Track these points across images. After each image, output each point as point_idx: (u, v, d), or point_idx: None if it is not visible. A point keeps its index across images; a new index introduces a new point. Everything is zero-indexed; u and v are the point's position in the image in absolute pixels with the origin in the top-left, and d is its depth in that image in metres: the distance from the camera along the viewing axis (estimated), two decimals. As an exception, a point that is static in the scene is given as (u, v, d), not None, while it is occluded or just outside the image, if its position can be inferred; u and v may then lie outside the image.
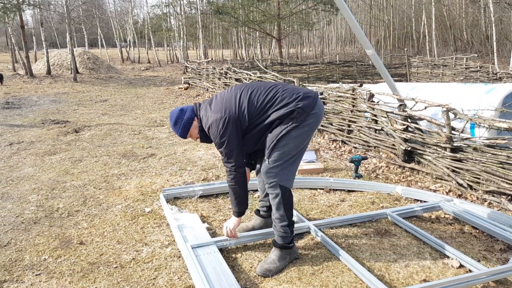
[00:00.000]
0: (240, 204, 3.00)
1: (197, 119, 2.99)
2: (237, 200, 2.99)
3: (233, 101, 2.87)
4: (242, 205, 3.01)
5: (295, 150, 2.88)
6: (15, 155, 6.16)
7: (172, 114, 3.02)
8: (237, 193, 2.96)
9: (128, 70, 26.85)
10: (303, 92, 2.89)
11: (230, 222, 3.09)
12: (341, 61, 20.78)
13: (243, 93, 2.90)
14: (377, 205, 4.00)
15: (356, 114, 6.15)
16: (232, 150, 2.85)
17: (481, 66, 15.22)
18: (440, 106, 4.54)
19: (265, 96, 2.88)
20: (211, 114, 2.87)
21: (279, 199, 2.89)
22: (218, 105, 2.89)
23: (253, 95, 2.88)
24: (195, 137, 3.04)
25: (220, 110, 2.85)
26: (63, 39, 43.16)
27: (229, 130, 2.81)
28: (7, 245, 3.36)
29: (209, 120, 2.87)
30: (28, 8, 22.49)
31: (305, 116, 2.82)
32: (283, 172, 2.88)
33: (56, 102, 12.16)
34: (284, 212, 2.91)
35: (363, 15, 40.96)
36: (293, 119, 2.80)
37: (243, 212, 3.04)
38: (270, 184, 2.90)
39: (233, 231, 3.08)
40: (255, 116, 2.85)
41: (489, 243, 3.27)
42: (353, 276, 2.80)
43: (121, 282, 2.81)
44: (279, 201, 2.89)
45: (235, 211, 3.03)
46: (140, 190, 4.52)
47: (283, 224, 2.93)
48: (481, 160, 4.07)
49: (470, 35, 30.06)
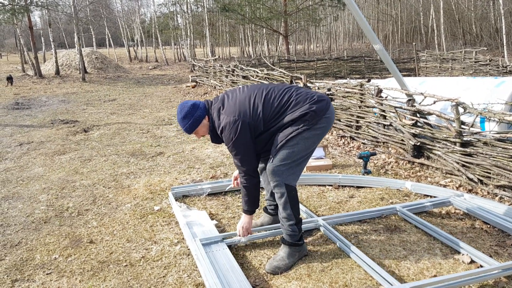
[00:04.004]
0: (251, 203, 2.99)
1: (208, 118, 2.94)
2: (250, 200, 2.98)
3: (247, 103, 2.82)
4: (254, 204, 3.00)
5: (304, 152, 2.85)
6: (25, 155, 6.22)
7: (182, 107, 2.94)
8: (250, 193, 2.96)
9: (136, 69, 26.97)
10: (317, 96, 2.86)
11: (243, 221, 3.07)
12: (349, 57, 20.67)
13: (257, 96, 2.85)
14: (387, 201, 3.98)
15: (364, 109, 6.12)
16: (245, 154, 2.84)
17: (490, 60, 15.06)
18: (449, 101, 4.49)
19: (280, 99, 2.83)
20: (225, 116, 2.82)
21: (285, 198, 2.85)
22: (231, 107, 2.83)
23: (267, 98, 2.84)
24: (200, 134, 3.02)
25: (233, 112, 2.79)
26: (71, 39, 43.39)
27: (242, 134, 2.77)
28: (18, 245, 3.39)
29: (222, 123, 2.82)
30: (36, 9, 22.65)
31: (317, 120, 2.79)
32: (289, 172, 2.85)
33: (65, 102, 12.24)
34: (291, 211, 2.88)
35: (370, 9, 40.71)
36: (305, 121, 2.77)
37: (254, 211, 3.04)
38: (275, 183, 2.87)
39: (249, 229, 3.09)
40: (270, 120, 2.82)
41: (500, 238, 3.23)
42: (363, 272, 2.79)
43: (131, 281, 2.82)
44: (285, 200, 2.86)
45: (247, 210, 3.02)
46: (149, 189, 4.54)
47: (290, 223, 2.91)
48: (491, 155, 4.02)
49: (479, 28, 29.73)
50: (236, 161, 2.90)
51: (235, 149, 2.82)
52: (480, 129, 4.32)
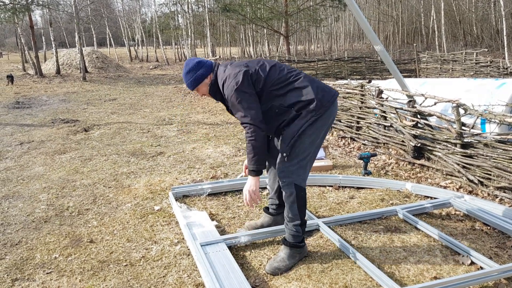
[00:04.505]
0: (260, 161, 2.77)
1: (211, 76, 2.94)
2: (257, 156, 2.76)
3: (255, 61, 2.90)
4: (262, 162, 2.80)
5: (312, 147, 2.81)
6: (25, 154, 6.22)
7: (188, 62, 2.96)
8: (257, 148, 2.74)
9: (136, 69, 26.98)
10: (323, 85, 2.87)
11: (250, 183, 2.81)
12: (350, 57, 20.66)
13: (268, 62, 2.90)
14: (387, 202, 3.98)
15: (365, 110, 6.12)
16: (249, 102, 2.73)
17: (491, 61, 15.07)
18: (450, 102, 4.49)
19: (288, 72, 2.84)
20: (230, 68, 2.84)
21: (293, 198, 2.83)
22: (240, 63, 2.88)
23: (277, 66, 2.87)
24: (201, 93, 3.01)
25: (240, 66, 2.82)
26: (72, 38, 43.40)
27: (246, 82, 2.73)
28: (19, 244, 3.39)
29: (226, 73, 2.82)
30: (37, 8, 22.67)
31: (324, 110, 2.75)
32: (299, 171, 2.82)
33: (65, 101, 12.24)
34: (298, 212, 2.86)
35: (371, 10, 40.72)
36: (311, 111, 2.72)
37: (260, 172, 2.81)
38: (285, 183, 2.84)
39: (256, 193, 2.82)
40: (273, 84, 2.78)
41: (500, 240, 3.23)
42: (363, 273, 2.79)
43: (131, 280, 2.82)
44: (293, 200, 2.84)
45: (253, 170, 2.78)
46: (149, 189, 4.54)
47: (295, 223, 2.89)
48: (492, 156, 4.02)
49: (480, 29, 29.73)
50: (241, 113, 2.73)
51: (239, 97, 2.71)
52: (481, 130, 4.32)
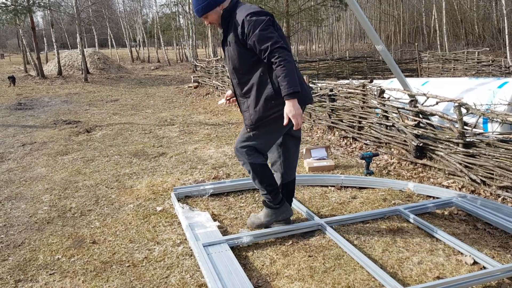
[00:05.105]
0: (295, 83, 2.70)
1: (223, 5, 2.94)
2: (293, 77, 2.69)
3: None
4: (297, 84, 2.72)
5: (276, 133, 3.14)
6: (28, 156, 6.23)
7: None
8: (292, 70, 2.70)
9: (138, 70, 27.01)
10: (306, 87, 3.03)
11: (295, 107, 2.70)
12: (351, 57, 20.67)
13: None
14: (389, 202, 3.97)
15: (366, 110, 6.11)
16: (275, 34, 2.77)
17: (493, 60, 15.04)
18: (452, 101, 4.49)
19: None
20: (256, 7, 2.89)
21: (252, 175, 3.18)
22: None
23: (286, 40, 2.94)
24: (209, 20, 3.01)
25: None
26: (74, 39, 43.48)
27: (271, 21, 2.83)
28: (21, 245, 3.40)
29: (253, 8, 2.85)
30: (38, 9, 22.70)
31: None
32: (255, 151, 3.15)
33: (67, 102, 12.27)
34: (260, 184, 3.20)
35: (372, 10, 40.68)
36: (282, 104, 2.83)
37: (298, 91, 2.73)
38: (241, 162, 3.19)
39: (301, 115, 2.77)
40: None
41: (503, 239, 3.23)
42: (366, 273, 2.78)
43: (133, 281, 2.82)
44: (253, 177, 3.19)
45: (293, 91, 2.68)
46: (151, 189, 4.55)
47: (263, 193, 3.24)
48: (494, 155, 4.02)
49: (482, 28, 29.67)
50: (270, 41, 2.71)
51: (268, 27, 2.75)
52: (483, 130, 4.31)
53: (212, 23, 3.04)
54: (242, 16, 2.82)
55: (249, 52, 2.88)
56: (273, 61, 2.72)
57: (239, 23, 2.83)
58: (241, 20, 2.82)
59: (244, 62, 2.93)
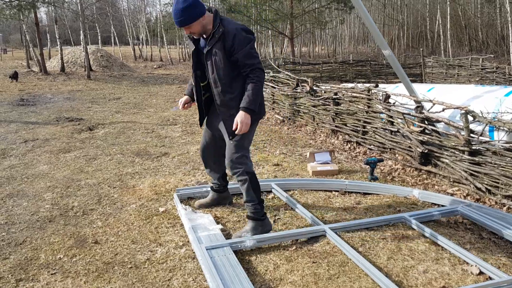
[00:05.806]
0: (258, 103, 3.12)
1: (205, 17, 3.04)
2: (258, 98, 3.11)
3: None
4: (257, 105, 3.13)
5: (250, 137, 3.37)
6: (30, 153, 6.20)
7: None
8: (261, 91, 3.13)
9: (140, 68, 26.98)
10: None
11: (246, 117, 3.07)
12: (355, 61, 20.64)
13: None
14: (394, 209, 3.94)
15: (371, 115, 6.08)
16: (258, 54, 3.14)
17: (497, 67, 15.02)
18: (459, 109, 4.46)
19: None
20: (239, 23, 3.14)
21: (248, 184, 3.25)
22: None
23: None
24: (192, 30, 3.08)
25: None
26: (77, 36, 43.52)
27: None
28: (23, 243, 3.37)
29: (239, 26, 3.08)
30: (42, 5, 22.66)
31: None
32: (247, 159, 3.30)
33: (70, 99, 12.24)
34: (254, 194, 3.27)
35: (376, 14, 40.66)
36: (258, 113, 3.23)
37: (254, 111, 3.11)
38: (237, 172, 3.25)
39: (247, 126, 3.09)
40: None
41: (509, 250, 3.20)
42: (371, 281, 2.75)
43: (136, 283, 2.80)
44: (247, 186, 3.25)
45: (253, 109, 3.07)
46: (154, 190, 4.52)
47: (254, 203, 3.28)
48: (500, 164, 3.99)
49: (486, 35, 29.66)
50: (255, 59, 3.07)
51: (253, 47, 3.08)
52: (489, 138, 4.28)
53: (192, 33, 3.12)
54: (233, 30, 3.03)
55: (233, 63, 3.10)
56: (251, 76, 3.07)
57: (230, 36, 3.02)
58: (232, 34, 3.02)
59: (229, 71, 3.13)
